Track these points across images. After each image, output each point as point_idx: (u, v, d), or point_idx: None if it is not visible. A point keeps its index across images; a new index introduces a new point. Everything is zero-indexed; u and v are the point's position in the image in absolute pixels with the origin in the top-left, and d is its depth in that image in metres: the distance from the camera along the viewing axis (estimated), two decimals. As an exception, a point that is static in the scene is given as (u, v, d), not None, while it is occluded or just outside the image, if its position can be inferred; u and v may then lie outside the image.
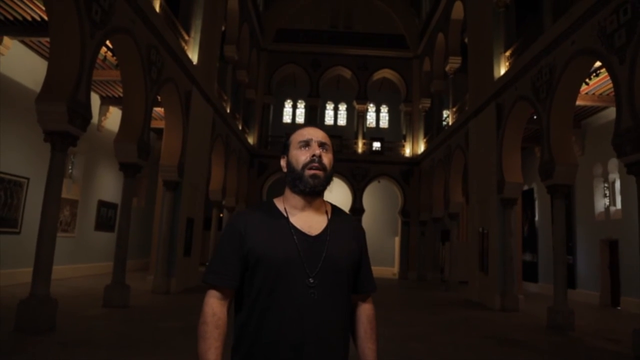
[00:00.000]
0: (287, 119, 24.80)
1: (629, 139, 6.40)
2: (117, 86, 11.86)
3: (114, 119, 12.47)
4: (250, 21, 18.27)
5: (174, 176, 10.81)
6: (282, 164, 1.57)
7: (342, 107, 25.31)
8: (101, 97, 13.04)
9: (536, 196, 16.71)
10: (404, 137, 21.55)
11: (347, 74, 21.69)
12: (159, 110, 12.22)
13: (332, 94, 24.62)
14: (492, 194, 11.36)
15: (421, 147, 20.28)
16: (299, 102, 24.77)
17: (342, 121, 25.19)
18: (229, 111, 15.93)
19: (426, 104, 20.22)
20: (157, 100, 10.05)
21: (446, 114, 18.02)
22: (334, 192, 21.11)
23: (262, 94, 21.12)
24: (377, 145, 21.76)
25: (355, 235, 1.57)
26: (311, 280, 1.40)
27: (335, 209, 1.59)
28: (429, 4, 19.69)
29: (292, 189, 1.51)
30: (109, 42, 8.02)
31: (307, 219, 1.50)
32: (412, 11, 21.93)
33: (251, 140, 20.13)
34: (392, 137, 23.24)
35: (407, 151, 21.08)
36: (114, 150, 8.60)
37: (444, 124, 17.99)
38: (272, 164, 20.05)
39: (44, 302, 5.85)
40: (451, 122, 15.98)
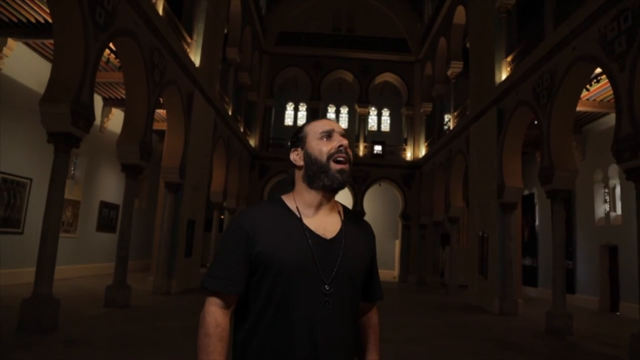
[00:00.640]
0: (288, 121, 24.88)
1: (628, 146, 6.42)
2: (120, 88, 11.92)
3: (117, 121, 12.54)
4: (252, 24, 18.35)
5: (175, 178, 10.87)
6: (294, 157, 1.41)
7: (344, 110, 25.39)
8: (104, 98, 13.11)
9: (537, 201, 16.72)
10: (405, 141, 21.59)
11: (348, 77, 21.75)
12: (161, 112, 12.27)
13: (333, 97, 24.70)
14: (492, 199, 11.39)
15: (422, 151, 20.32)
16: (301, 104, 24.83)
17: (343, 124, 25.15)
18: (230, 113, 16.00)
19: (428, 108, 20.25)
20: (160, 102, 10.12)
21: (447, 118, 18.05)
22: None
23: (264, 96, 21.18)
24: (378, 148, 21.79)
25: (367, 239, 1.46)
26: (327, 287, 1.27)
27: (346, 210, 1.48)
28: (431, 8, 19.76)
29: (312, 184, 1.36)
30: (112, 44, 8.09)
31: (322, 220, 1.37)
32: (415, 15, 21.98)
33: (253, 142, 20.19)
34: (394, 141, 23.29)
35: (408, 155, 21.12)
36: (116, 151, 8.67)
37: (445, 128, 18.03)
38: (273, 166, 20.11)
39: (47, 302, 5.91)
40: (452, 127, 16.01)
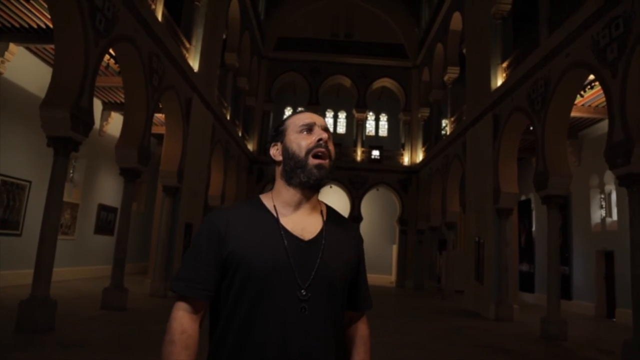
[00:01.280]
0: (287, 126, 24.93)
1: (621, 152, 6.50)
2: (119, 92, 12.00)
3: (116, 125, 12.61)
4: (251, 29, 18.48)
5: (173, 181, 10.93)
6: (273, 152, 1.37)
7: (342, 115, 25.51)
8: (103, 102, 13.19)
9: (533, 207, 16.77)
10: (403, 146, 21.69)
11: (346, 82, 21.87)
12: (160, 116, 12.36)
13: (331, 102, 24.82)
14: (488, 204, 11.45)
15: (420, 156, 20.41)
16: (299, 109, 24.92)
17: (341, 129, 25.37)
18: (229, 118, 16.08)
19: (425, 113, 20.37)
20: (158, 106, 10.19)
21: (445, 124, 18.17)
22: (332, 200, 21.17)
23: (262, 101, 21.30)
24: (376, 153, 21.87)
25: (353, 242, 1.36)
26: (303, 292, 1.18)
27: (330, 210, 1.38)
28: (428, 14, 19.93)
29: (289, 180, 1.31)
30: (112, 50, 8.17)
31: (300, 219, 1.28)
32: (412, 21, 22.14)
33: (251, 146, 20.27)
34: (391, 146, 23.39)
35: (406, 160, 21.20)
36: (114, 155, 8.74)
37: (443, 133, 18.14)
38: (271, 171, 20.10)
39: (44, 303, 5.96)
40: (449, 132, 16.11)
